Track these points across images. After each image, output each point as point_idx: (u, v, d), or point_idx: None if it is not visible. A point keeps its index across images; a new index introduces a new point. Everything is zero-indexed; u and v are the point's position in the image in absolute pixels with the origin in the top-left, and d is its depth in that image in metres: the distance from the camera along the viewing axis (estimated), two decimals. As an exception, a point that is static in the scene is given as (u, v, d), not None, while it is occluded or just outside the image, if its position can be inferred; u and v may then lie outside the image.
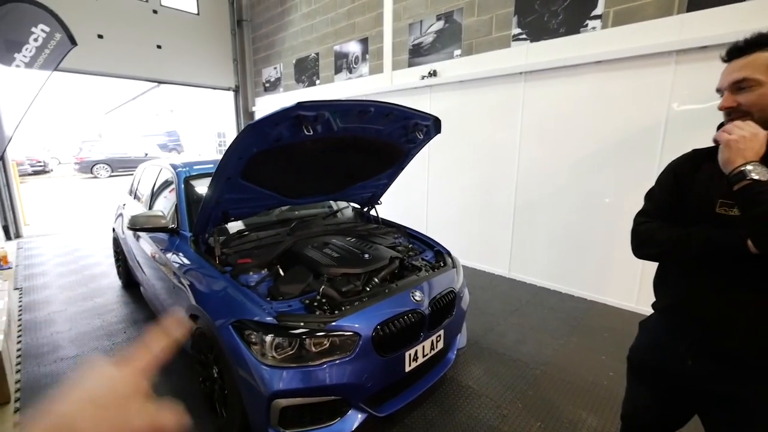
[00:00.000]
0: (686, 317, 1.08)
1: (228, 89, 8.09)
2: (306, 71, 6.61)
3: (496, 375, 2.39)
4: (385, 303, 1.77)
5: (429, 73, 4.59)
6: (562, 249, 3.74)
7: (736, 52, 0.98)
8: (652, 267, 1.19)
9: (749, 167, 0.85)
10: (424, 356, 1.88)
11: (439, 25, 4.48)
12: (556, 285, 3.81)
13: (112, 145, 16.58)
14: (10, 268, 4.49)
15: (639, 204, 1.22)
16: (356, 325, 1.64)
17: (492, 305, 3.42)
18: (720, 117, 1.08)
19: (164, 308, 2.50)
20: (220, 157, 1.76)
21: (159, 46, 6.85)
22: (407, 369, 1.79)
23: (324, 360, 1.57)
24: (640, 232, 1.15)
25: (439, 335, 1.97)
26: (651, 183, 1.21)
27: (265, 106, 7.77)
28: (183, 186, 2.57)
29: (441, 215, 4.84)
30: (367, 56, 5.48)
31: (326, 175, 2.39)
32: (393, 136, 2.28)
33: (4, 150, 4.56)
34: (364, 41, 5.48)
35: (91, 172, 15.24)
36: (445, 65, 4.47)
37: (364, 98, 5.67)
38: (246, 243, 2.25)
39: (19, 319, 3.23)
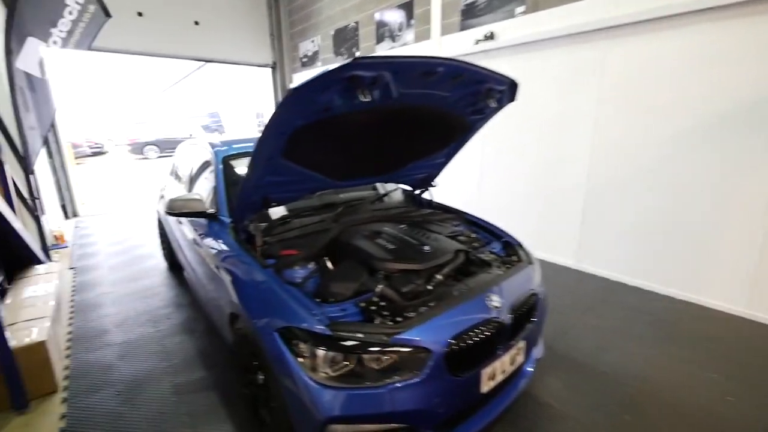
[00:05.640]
0: None
1: (266, 66, 7.87)
2: (345, 42, 6.20)
3: (579, 391, 2.02)
4: (457, 310, 1.45)
5: (485, 36, 4.04)
6: (643, 239, 3.19)
7: None
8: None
9: None
10: (503, 373, 1.55)
11: (499, -22, 3.88)
12: (634, 280, 3.29)
13: (160, 126, 17.25)
14: (66, 247, 4.65)
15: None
16: (427, 339, 1.33)
17: (561, 301, 2.99)
18: None
19: (207, 295, 2.35)
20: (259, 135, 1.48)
21: (197, 23, 6.70)
22: (483, 390, 1.48)
23: (387, 380, 1.28)
24: None
25: (520, 348, 1.63)
26: None
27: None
28: (222, 167, 2.36)
29: (496, 198, 4.38)
30: (413, 21, 4.97)
31: (377, 153, 2.05)
32: (458, 106, 1.88)
33: (50, 127, 4.67)
34: (409, 5, 4.96)
35: (142, 153, 16.00)
36: (505, 26, 3.90)
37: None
38: (289, 231, 2.00)
39: (72, 300, 3.27)
